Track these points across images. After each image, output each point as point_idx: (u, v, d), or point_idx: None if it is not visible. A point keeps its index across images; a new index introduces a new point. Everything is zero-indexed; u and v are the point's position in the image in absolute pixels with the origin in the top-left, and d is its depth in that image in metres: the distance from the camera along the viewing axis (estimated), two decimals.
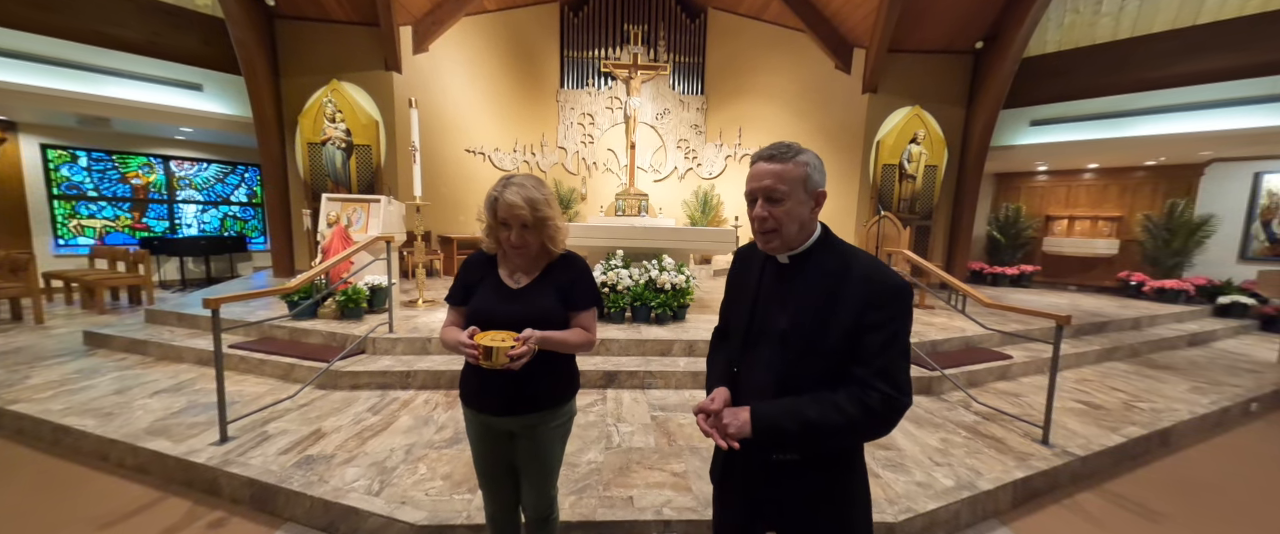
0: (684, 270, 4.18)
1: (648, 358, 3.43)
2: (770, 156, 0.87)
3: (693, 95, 9.13)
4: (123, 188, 7.17)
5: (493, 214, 1.20)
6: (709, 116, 9.13)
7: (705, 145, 9.12)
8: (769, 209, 0.86)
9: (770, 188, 0.85)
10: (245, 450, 2.23)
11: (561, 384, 1.32)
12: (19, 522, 1.92)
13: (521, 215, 1.16)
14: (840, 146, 7.06)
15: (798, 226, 0.87)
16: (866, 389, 0.80)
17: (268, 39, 5.75)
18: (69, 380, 3.12)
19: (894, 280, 0.83)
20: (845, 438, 0.86)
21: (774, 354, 0.90)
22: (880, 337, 0.80)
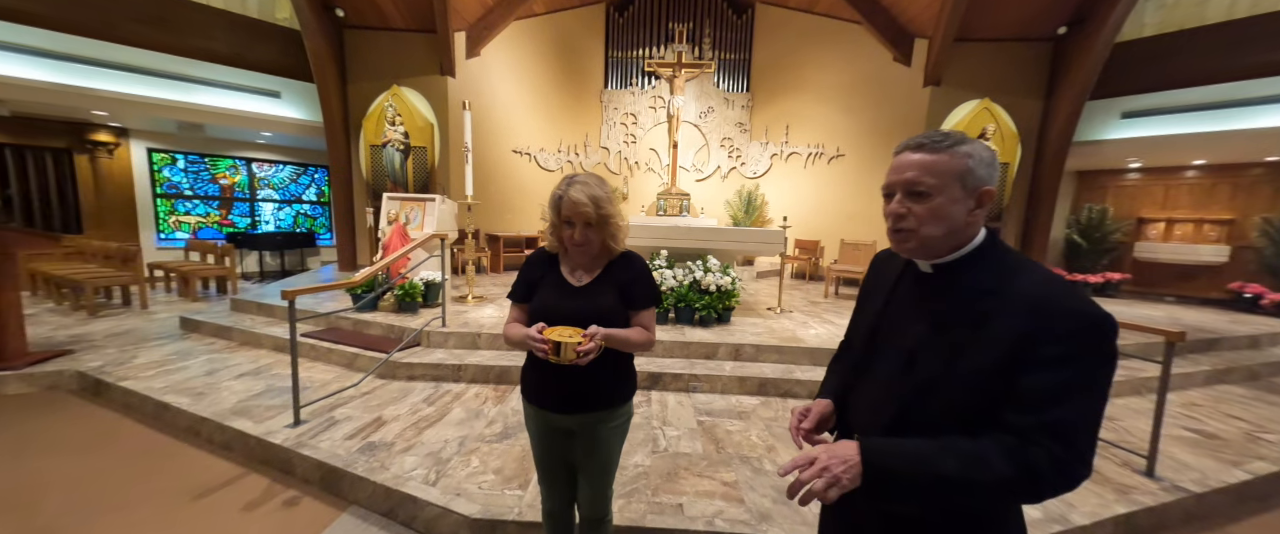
0: (729, 272, 4.08)
1: (692, 360, 3.37)
2: (919, 145, 0.73)
3: (738, 93, 8.93)
4: (213, 187, 7.93)
5: (557, 212, 1.23)
6: (754, 114, 8.90)
7: (749, 144, 8.90)
8: (909, 205, 0.72)
9: (913, 181, 0.71)
10: (315, 434, 2.37)
11: (622, 383, 1.32)
12: (124, 487, 2.13)
13: (586, 212, 1.18)
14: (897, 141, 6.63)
15: (945, 230, 0.71)
16: (1028, 443, 0.61)
17: (337, 48, 6.15)
18: (168, 361, 3.46)
19: (1083, 309, 0.63)
20: (990, 500, 0.68)
21: (896, 378, 0.76)
22: (1054, 379, 0.61)
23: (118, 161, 6.97)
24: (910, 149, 0.75)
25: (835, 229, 7.47)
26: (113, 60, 5.12)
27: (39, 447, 2.46)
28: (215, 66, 5.74)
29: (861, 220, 7.19)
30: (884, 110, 6.95)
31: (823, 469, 0.64)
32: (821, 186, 8.04)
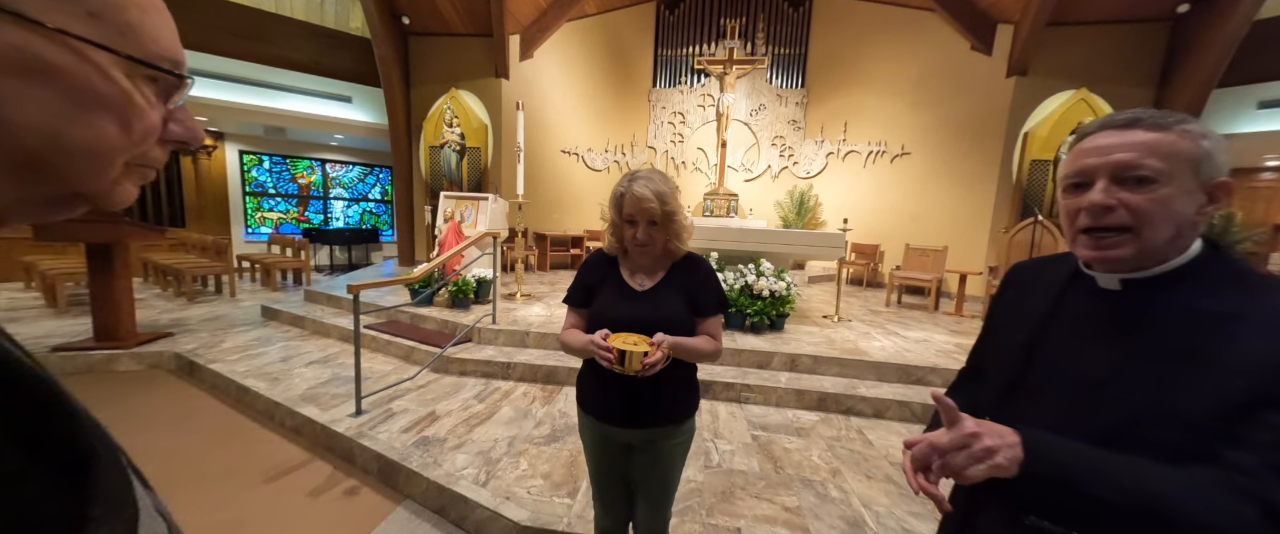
0: (784, 276, 3.86)
1: (744, 370, 3.20)
2: (1133, 121, 0.56)
3: (792, 89, 8.57)
4: (292, 186, 8.63)
5: (618, 210, 1.14)
6: (809, 111, 8.49)
7: (803, 142, 8.50)
8: (1126, 195, 0.55)
9: (1131, 163, 0.55)
10: (375, 424, 2.44)
11: (687, 397, 1.22)
12: (206, 463, 2.29)
13: (650, 209, 1.09)
14: (971, 140, 6.10)
15: (1173, 231, 0.56)
16: (1268, 485, 0.47)
17: (402, 54, 6.48)
18: (250, 346, 3.74)
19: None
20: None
21: (1073, 415, 0.59)
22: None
23: (215, 162, 7.74)
24: (1116, 127, 0.57)
25: (898, 232, 6.96)
26: (214, 70, 5.66)
27: (140, 420, 2.71)
28: (297, 74, 6.22)
29: (928, 223, 6.66)
30: (958, 104, 6.39)
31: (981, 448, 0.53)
32: (883, 187, 7.53)
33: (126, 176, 0.34)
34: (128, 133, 0.32)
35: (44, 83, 0.28)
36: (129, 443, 0.33)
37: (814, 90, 8.44)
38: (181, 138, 0.36)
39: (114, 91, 0.31)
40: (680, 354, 1.11)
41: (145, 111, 0.32)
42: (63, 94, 0.29)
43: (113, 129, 0.31)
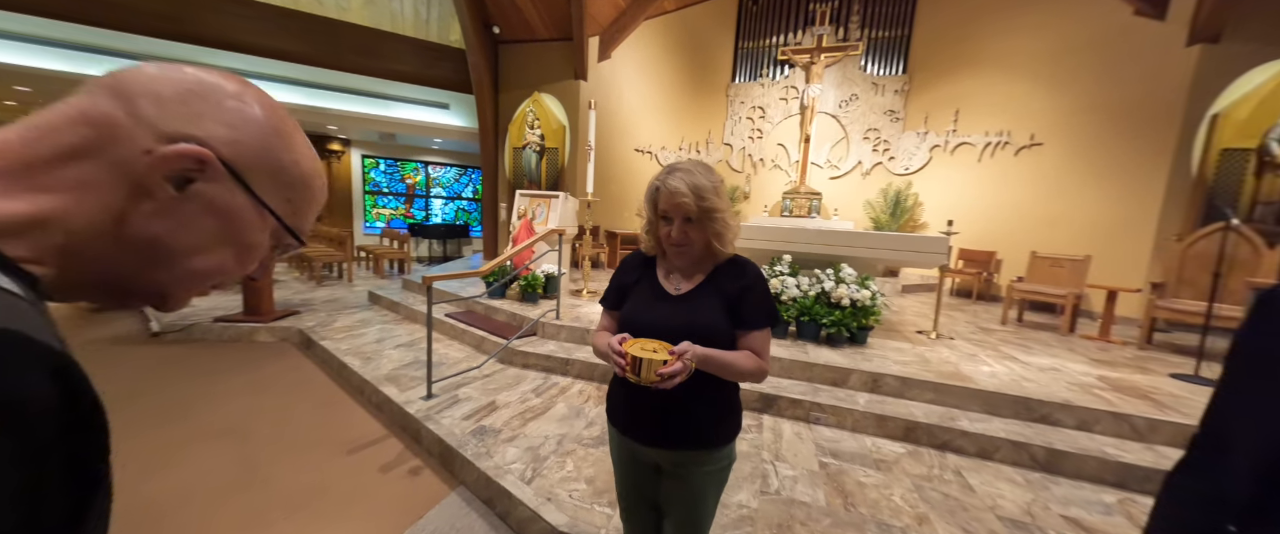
0: (869, 284, 3.43)
1: (815, 386, 2.89)
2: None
3: (891, 76, 7.70)
4: (401, 185, 9.74)
5: (653, 206, 1.03)
6: (911, 99, 7.57)
7: (902, 135, 7.60)
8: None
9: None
10: (442, 409, 2.59)
11: (721, 420, 1.07)
12: (307, 430, 2.59)
13: (685, 205, 0.97)
14: (1131, 125, 4.95)
15: None
16: None
17: (493, 61, 6.95)
18: (354, 327, 4.23)
19: None
20: None
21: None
22: None
23: (343, 165, 8.99)
24: None
25: (1021, 238, 5.92)
26: (340, 85, 6.55)
27: (266, 384, 3.18)
28: (404, 85, 6.96)
29: (1065, 227, 5.57)
30: (1113, 82, 5.23)
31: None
32: (1003, 184, 6.45)
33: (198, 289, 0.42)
34: (239, 268, 0.42)
35: (217, 220, 0.39)
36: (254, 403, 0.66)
37: (918, 76, 7.50)
38: (257, 276, 0.45)
39: (256, 242, 0.42)
40: (711, 368, 0.98)
41: (258, 255, 0.43)
42: (221, 231, 0.40)
43: (231, 261, 0.41)
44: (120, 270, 0.38)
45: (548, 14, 6.33)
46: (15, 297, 0.30)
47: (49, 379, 0.28)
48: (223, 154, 0.38)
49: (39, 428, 0.27)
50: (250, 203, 0.40)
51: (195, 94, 0.38)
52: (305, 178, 0.44)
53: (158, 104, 0.36)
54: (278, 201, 0.42)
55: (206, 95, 0.38)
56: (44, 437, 0.27)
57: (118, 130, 0.35)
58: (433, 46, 7.08)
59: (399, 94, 6.98)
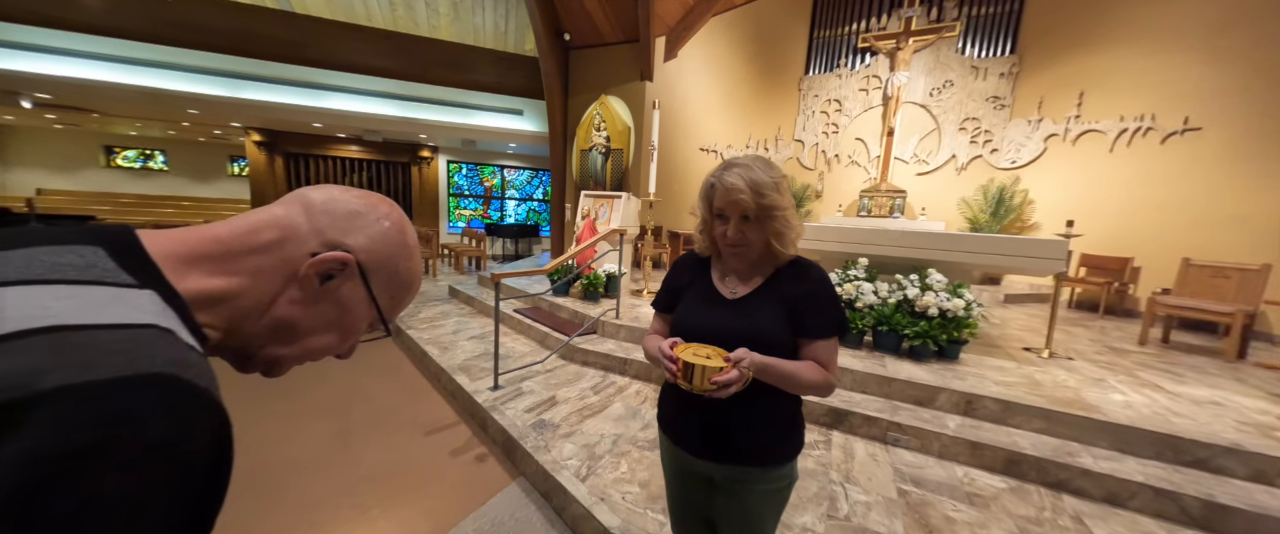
0: (963, 291, 3.04)
1: (895, 404, 2.61)
2: None
3: (994, 57, 6.82)
4: (479, 188, 10.47)
5: (707, 204, 0.97)
6: (1020, 83, 6.64)
7: (1008, 124, 6.70)
8: None
9: None
10: (506, 400, 2.71)
11: (781, 436, 0.99)
12: (393, 411, 2.84)
13: (742, 203, 0.90)
14: None
15: None
16: None
17: (563, 67, 7.21)
18: (435, 319, 4.60)
19: None
20: None
21: None
22: None
23: (431, 170, 9.87)
24: None
25: (1167, 242, 4.95)
26: (430, 97, 7.18)
27: (363, 368, 3.55)
28: (483, 94, 7.46)
29: (1232, 231, 4.57)
30: None
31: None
32: (1144, 178, 5.44)
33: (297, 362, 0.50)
34: (338, 347, 0.51)
35: (337, 310, 0.48)
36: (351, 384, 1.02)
37: (1030, 55, 6.56)
38: (342, 355, 0.53)
39: (358, 328, 0.51)
40: (770, 379, 0.90)
41: (353, 340, 0.52)
42: (337, 318, 0.48)
43: (335, 342, 0.50)
44: (254, 340, 0.46)
45: (615, 16, 6.43)
46: (204, 358, 0.35)
47: (212, 439, 0.32)
48: (361, 259, 0.47)
49: (195, 479, 0.31)
50: (365, 297, 0.49)
51: (357, 213, 0.48)
52: (409, 283, 0.53)
53: (330, 218, 0.47)
54: (384, 298, 0.50)
55: (364, 214, 0.48)
56: (193, 490, 0.31)
57: (297, 234, 0.45)
58: (509, 56, 7.52)
59: (479, 103, 7.49)
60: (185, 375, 0.31)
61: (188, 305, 0.39)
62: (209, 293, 0.41)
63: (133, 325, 0.32)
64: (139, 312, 0.33)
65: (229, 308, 0.42)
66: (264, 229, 0.44)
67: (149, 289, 0.36)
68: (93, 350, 0.29)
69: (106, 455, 0.26)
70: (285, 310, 0.45)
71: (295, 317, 0.46)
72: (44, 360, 0.27)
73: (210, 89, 6.28)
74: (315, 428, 2.59)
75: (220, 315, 0.42)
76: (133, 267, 0.37)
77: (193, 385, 0.31)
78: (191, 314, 0.39)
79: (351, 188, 0.50)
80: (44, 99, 6.84)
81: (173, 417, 0.29)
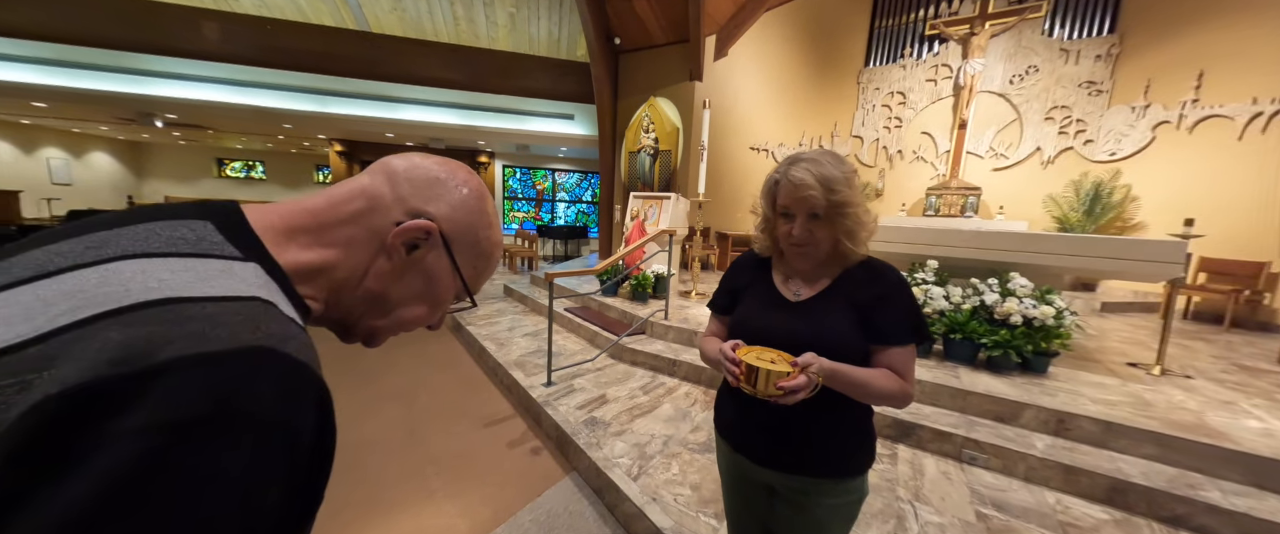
0: (1054, 298, 2.73)
1: (971, 419, 2.39)
2: None
3: (1089, 38, 6.11)
4: (532, 191, 10.87)
5: (770, 201, 0.92)
6: (1121, 65, 5.91)
7: (1106, 111, 5.97)
8: None
9: None
10: (559, 396, 2.78)
11: (851, 448, 0.93)
12: (454, 401, 3.00)
13: (811, 199, 0.84)
14: None
15: None
16: None
17: (613, 71, 7.32)
18: (492, 316, 4.82)
19: None
20: None
21: None
22: None
23: (487, 175, 10.38)
24: None
25: None
26: (486, 105, 7.56)
27: (427, 359, 3.79)
28: (537, 100, 7.74)
29: None
30: None
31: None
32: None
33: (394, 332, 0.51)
34: (429, 319, 0.51)
35: (424, 280, 0.48)
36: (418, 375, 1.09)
37: (1134, 34, 5.81)
38: (432, 326, 0.53)
39: (445, 298, 0.51)
40: (840, 386, 0.84)
41: (442, 311, 0.52)
42: (425, 288, 0.48)
43: (425, 314, 0.51)
44: (352, 312, 0.47)
45: (665, 17, 6.43)
46: (303, 330, 0.36)
47: (316, 409, 0.33)
48: (443, 228, 0.47)
49: (301, 452, 0.32)
50: (449, 267, 0.49)
51: (438, 180, 0.47)
52: (489, 252, 0.52)
53: (412, 186, 0.46)
54: (467, 268, 0.50)
55: (445, 181, 0.48)
56: (302, 460, 0.32)
57: (382, 203, 0.45)
58: (561, 63, 7.75)
59: (533, 109, 7.78)
60: (285, 349, 0.31)
61: (289, 277, 0.40)
62: (308, 265, 0.42)
63: (240, 298, 0.32)
64: (245, 284, 0.34)
65: (327, 279, 0.43)
66: (352, 199, 0.44)
67: (253, 262, 0.37)
68: (204, 322, 0.29)
69: (220, 424, 0.27)
70: (376, 282, 0.45)
71: (386, 288, 0.46)
72: (163, 332, 0.28)
73: (302, 105, 6.99)
74: (387, 413, 2.80)
75: (319, 287, 0.43)
76: (239, 240, 0.38)
77: (293, 359, 0.32)
78: (293, 286, 0.40)
79: (432, 154, 0.49)
80: (171, 119, 7.94)
81: (278, 389, 0.30)
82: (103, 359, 0.26)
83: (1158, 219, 5.38)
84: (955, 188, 6.72)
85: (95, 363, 0.26)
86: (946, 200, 6.75)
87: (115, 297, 0.29)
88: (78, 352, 0.27)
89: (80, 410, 0.25)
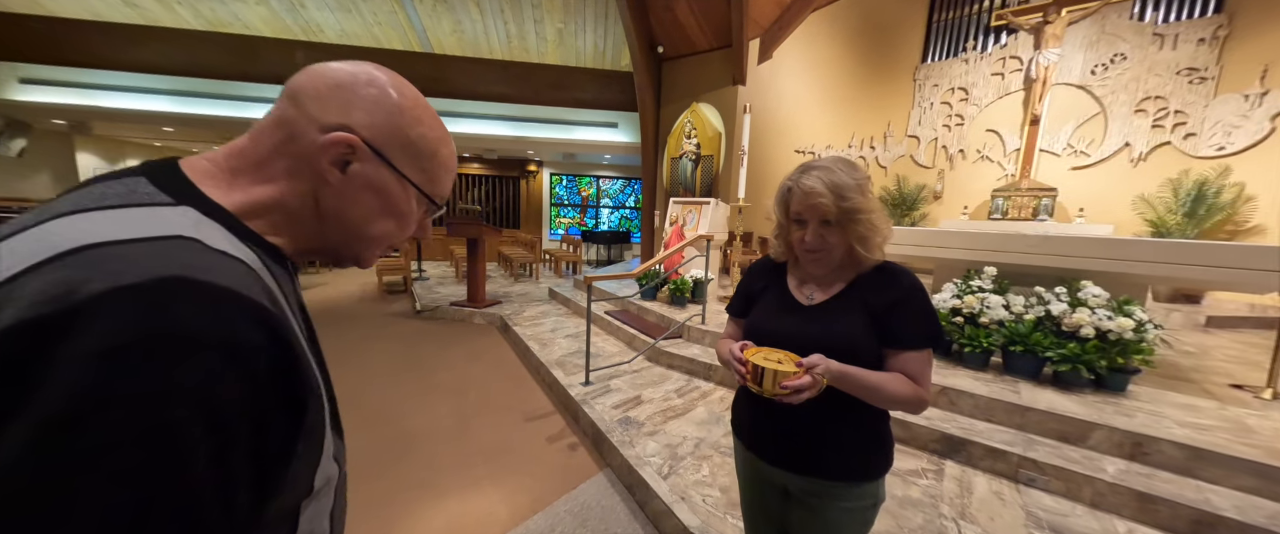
0: (1134, 309, 2.48)
1: (1030, 437, 2.22)
2: None
3: (1188, 20, 5.45)
4: (577, 198, 11.21)
5: (784, 208, 0.95)
6: (1229, 49, 5.22)
7: (1211, 101, 5.29)
8: None
9: None
10: (596, 396, 2.88)
11: (865, 452, 0.94)
12: (500, 396, 3.19)
13: (822, 206, 0.87)
14: None
15: None
16: None
17: (656, 80, 7.45)
18: (537, 317, 5.05)
19: None
20: None
21: None
22: None
23: (536, 182, 10.83)
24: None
25: None
26: (536, 117, 7.94)
27: (477, 356, 4.05)
28: (582, 110, 8.01)
29: None
30: None
31: None
32: None
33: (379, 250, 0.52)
34: (402, 232, 0.51)
35: (374, 195, 0.47)
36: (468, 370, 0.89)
37: (1245, 13, 5.12)
38: (417, 236, 0.55)
39: (406, 210, 0.50)
40: (850, 389, 0.86)
41: (411, 221, 0.51)
42: (380, 204, 0.48)
43: (393, 227, 0.50)
44: (326, 238, 0.47)
45: (708, 24, 6.46)
46: (238, 261, 0.37)
47: (255, 327, 0.34)
48: (365, 137, 0.44)
49: (252, 361, 0.33)
50: (394, 177, 0.46)
51: (342, 86, 0.44)
52: (432, 149, 0.48)
53: (319, 101, 0.43)
54: (414, 172, 0.48)
55: (350, 86, 0.44)
56: (257, 369, 0.34)
57: (296, 128, 0.43)
58: (606, 73, 7.99)
59: (579, 118, 8.07)
60: (201, 277, 0.33)
61: (234, 215, 0.41)
62: (255, 203, 0.42)
63: (160, 237, 0.34)
64: (167, 225, 0.35)
65: (281, 213, 0.44)
66: (271, 131, 0.43)
67: (185, 205, 0.38)
68: (121, 261, 0.31)
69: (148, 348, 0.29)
70: (330, 205, 0.45)
71: (342, 210, 0.45)
72: (82, 274, 0.30)
73: None
74: (440, 405, 3.03)
75: (276, 221, 0.44)
76: (171, 188, 0.39)
77: (212, 284, 0.33)
78: (241, 222, 0.41)
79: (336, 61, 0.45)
80: None
81: (199, 312, 0.31)
82: (29, 302, 0.29)
83: (1274, 219, 4.67)
84: (1026, 189, 6.19)
85: (24, 307, 0.29)
86: (1016, 202, 6.23)
87: (42, 251, 0.31)
88: (12, 298, 0.29)
89: (20, 348, 0.28)
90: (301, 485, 0.41)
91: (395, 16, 6.95)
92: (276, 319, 0.36)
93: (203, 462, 0.30)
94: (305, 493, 0.42)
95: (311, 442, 0.40)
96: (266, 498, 0.36)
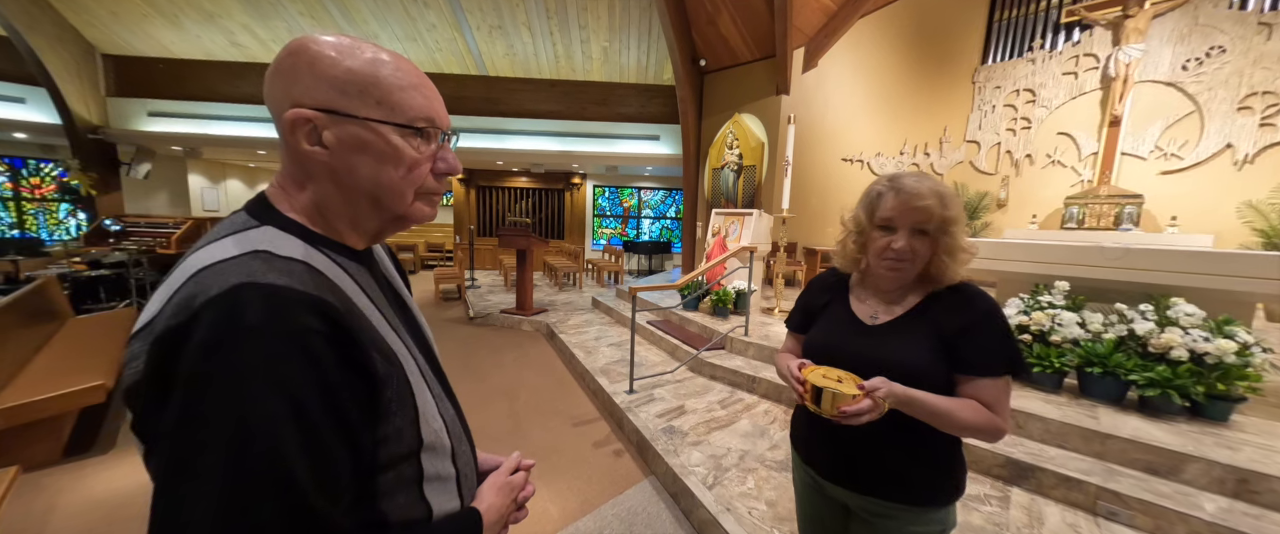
0: (1237, 330, 2.24)
1: (1110, 467, 2.05)
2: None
3: None
4: (619, 209, 11.42)
5: (870, 212, 0.91)
6: None
7: None
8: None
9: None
10: (640, 404, 2.94)
11: (931, 476, 0.91)
12: (549, 401, 3.33)
13: (924, 210, 0.83)
14: None
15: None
16: None
17: (698, 92, 7.52)
18: (581, 326, 5.20)
19: None
20: None
21: None
22: None
23: (580, 194, 11.16)
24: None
25: None
26: (580, 131, 8.22)
27: (526, 362, 4.23)
28: (626, 124, 8.22)
29: None
30: None
31: None
32: None
33: (421, 200, 0.53)
34: (405, 174, 0.50)
35: (360, 151, 0.48)
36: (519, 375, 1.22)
37: None
38: (445, 170, 0.53)
39: (391, 148, 0.49)
40: (917, 414, 0.83)
41: (412, 156, 0.50)
42: (372, 157, 0.48)
43: (396, 172, 0.49)
44: (363, 211, 0.51)
45: (751, 35, 6.47)
46: (299, 263, 0.44)
47: (309, 313, 0.41)
48: (309, 103, 0.46)
49: (307, 340, 0.40)
50: (360, 125, 0.47)
51: (279, 73, 0.47)
52: (370, 77, 0.47)
53: (273, 100, 0.47)
54: (371, 109, 0.47)
55: (284, 70, 0.46)
56: (312, 346, 0.40)
57: (280, 132, 0.48)
58: (648, 87, 8.17)
59: (622, 132, 8.29)
60: (264, 280, 0.41)
61: (300, 223, 0.49)
62: (304, 207, 0.50)
63: (240, 255, 0.43)
64: (250, 243, 0.44)
65: (323, 208, 0.50)
66: (283, 144, 0.49)
67: (267, 226, 0.47)
68: (215, 276, 0.41)
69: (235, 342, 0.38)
70: (343, 180, 0.49)
71: (353, 182, 0.49)
72: (196, 290, 0.40)
73: None
74: (495, 406, 3.20)
75: (326, 217, 0.50)
76: (258, 213, 0.48)
77: (269, 285, 0.40)
78: (309, 229, 0.49)
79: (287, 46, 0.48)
80: None
81: (262, 308, 0.39)
82: (173, 312, 0.40)
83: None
84: (1106, 195, 5.68)
85: (169, 315, 0.40)
86: (1094, 211, 5.72)
87: (186, 272, 0.43)
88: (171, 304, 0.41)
89: (165, 352, 0.39)
90: (407, 437, 0.49)
91: (455, 43, 7.48)
92: (329, 306, 0.43)
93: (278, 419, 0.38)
94: (416, 444, 0.50)
95: (402, 400, 0.48)
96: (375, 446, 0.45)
